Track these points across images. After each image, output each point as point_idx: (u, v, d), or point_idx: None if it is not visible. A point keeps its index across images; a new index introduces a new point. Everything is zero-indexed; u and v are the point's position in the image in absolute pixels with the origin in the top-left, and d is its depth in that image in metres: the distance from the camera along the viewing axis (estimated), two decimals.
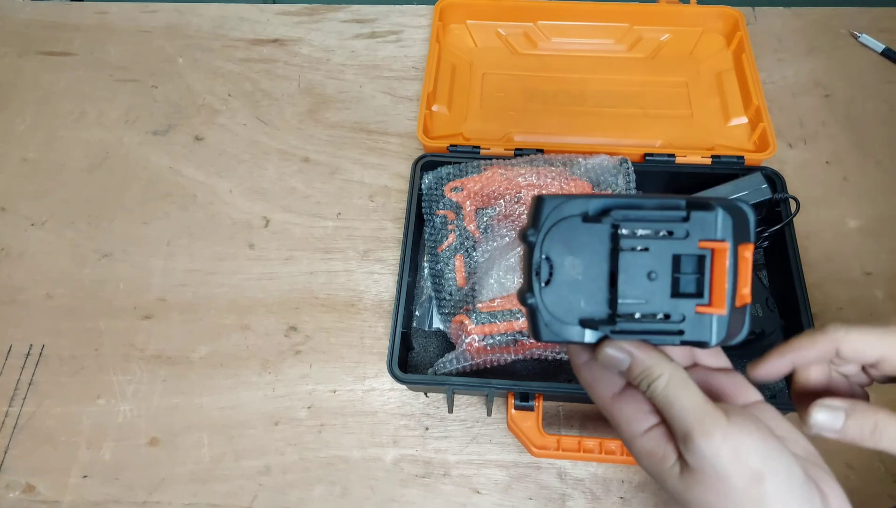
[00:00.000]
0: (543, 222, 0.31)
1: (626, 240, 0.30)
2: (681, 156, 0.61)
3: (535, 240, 0.31)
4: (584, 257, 0.31)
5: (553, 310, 0.31)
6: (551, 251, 0.31)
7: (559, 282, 0.31)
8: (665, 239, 0.30)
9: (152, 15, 0.83)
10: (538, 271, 0.31)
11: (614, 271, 0.30)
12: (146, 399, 0.58)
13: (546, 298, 0.31)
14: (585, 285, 0.31)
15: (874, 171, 0.67)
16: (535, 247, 0.31)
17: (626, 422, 0.32)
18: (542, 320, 0.31)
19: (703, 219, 0.30)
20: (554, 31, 0.74)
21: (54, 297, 0.64)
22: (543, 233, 0.31)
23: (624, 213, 0.31)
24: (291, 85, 0.77)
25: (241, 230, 0.67)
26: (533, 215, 0.31)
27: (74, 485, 0.55)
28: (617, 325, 0.30)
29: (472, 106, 0.69)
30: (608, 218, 0.30)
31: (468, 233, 0.58)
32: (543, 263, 0.31)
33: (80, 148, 0.73)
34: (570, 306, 0.31)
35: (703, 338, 0.30)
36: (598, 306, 0.31)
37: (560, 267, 0.31)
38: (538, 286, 0.31)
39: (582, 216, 0.31)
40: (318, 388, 0.58)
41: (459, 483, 0.54)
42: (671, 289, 0.30)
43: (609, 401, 0.33)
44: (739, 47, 0.69)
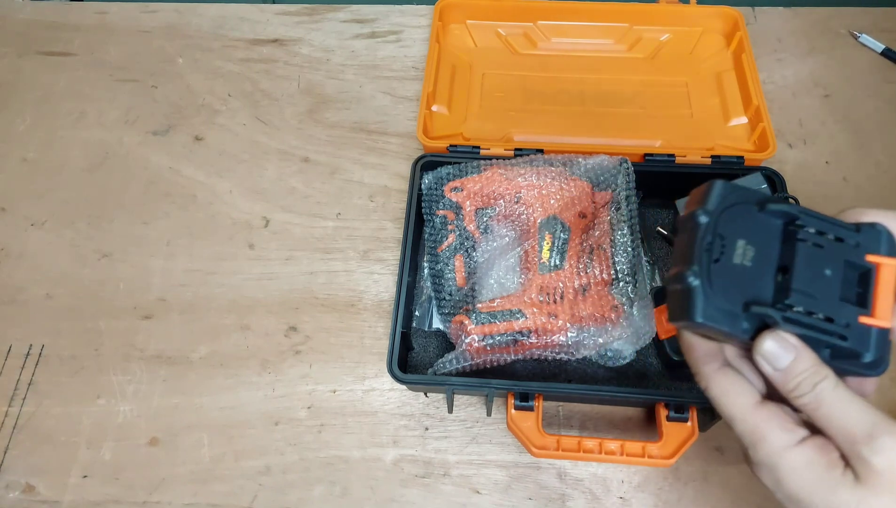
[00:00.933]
0: (718, 204, 0.30)
1: (805, 233, 0.30)
2: (680, 156, 0.61)
3: (707, 219, 0.30)
4: (756, 244, 0.30)
5: (717, 289, 0.30)
6: (725, 232, 0.30)
7: (726, 264, 0.30)
8: (838, 243, 0.30)
9: (152, 15, 0.83)
10: (709, 249, 0.30)
11: (786, 264, 0.30)
12: (146, 399, 0.58)
13: (714, 276, 0.30)
14: (753, 272, 0.30)
15: (874, 171, 0.67)
16: (708, 225, 0.30)
17: (775, 433, 0.30)
18: (701, 298, 0.29)
19: (872, 234, 0.30)
20: (554, 31, 0.74)
21: (54, 297, 0.64)
22: (718, 213, 0.30)
23: (800, 208, 0.31)
24: (291, 85, 0.77)
25: (241, 230, 0.67)
26: (703, 197, 0.31)
27: (74, 485, 0.55)
28: (787, 313, 0.29)
29: (471, 106, 0.69)
30: (789, 209, 0.30)
31: (468, 233, 0.58)
32: (717, 240, 0.30)
33: (80, 148, 0.73)
34: (735, 290, 0.30)
35: (861, 348, 0.29)
36: (764, 293, 0.30)
37: (731, 250, 0.30)
38: (706, 263, 0.30)
39: (758, 205, 0.31)
40: (318, 388, 0.58)
41: (459, 483, 0.54)
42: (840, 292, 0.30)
43: (750, 412, 0.30)
44: (739, 47, 0.69)
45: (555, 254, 0.55)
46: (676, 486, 0.53)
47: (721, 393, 0.31)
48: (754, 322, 0.30)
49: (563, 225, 0.56)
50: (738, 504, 0.52)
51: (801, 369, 0.29)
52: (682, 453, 0.48)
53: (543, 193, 0.57)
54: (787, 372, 0.29)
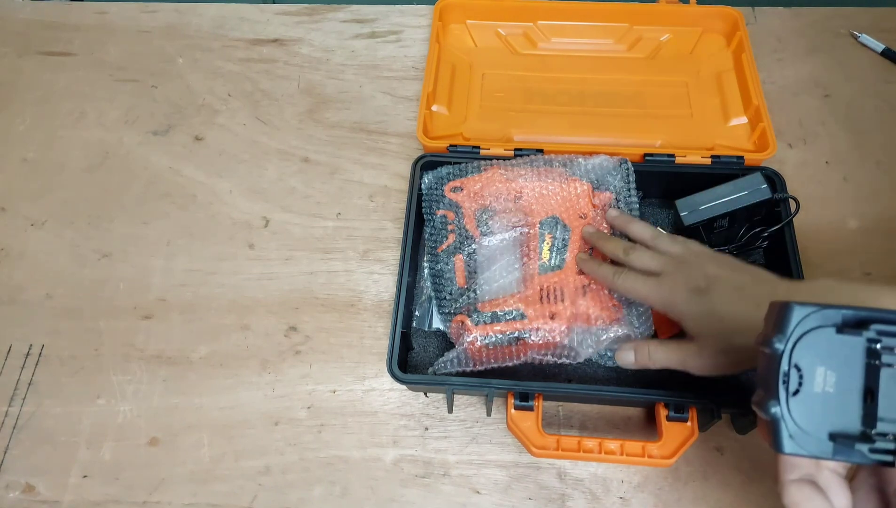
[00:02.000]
0: (793, 330, 0.30)
1: (887, 355, 0.29)
2: (680, 156, 0.61)
3: (783, 347, 0.30)
4: (837, 369, 0.30)
5: (800, 421, 0.29)
6: (802, 360, 0.30)
7: (808, 393, 0.30)
8: None
9: (152, 15, 0.83)
10: (786, 380, 0.30)
11: (871, 387, 0.29)
12: (146, 399, 0.58)
13: (794, 409, 0.29)
14: (837, 399, 0.29)
15: (874, 171, 0.67)
16: (783, 355, 0.30)
17: None
18: (786, 431, 0.29)
19: None
20: (554, 31, 0.74)
21: (54, 297, 0.64)
22: (794, 341, 0.30)
23: (883, 327, 0.29)
24: (291, 85, 0.77)
25: (241, 230, 0.67)
26: (777, 321, 0.30)
27: (74, 485, 0.55)
28: (876, 443, 0.29)
29: (471, 106, 0.69)
30: (867, 331, 0.29)
31: (468, 233, 0.58)
32: (793, 371, 0.30)
33: (80, 148, 0.73)
34: (820, 419, 0.29)
35: None
36: (850, 422, 0.29)
37: (810, 378, 0.30)
38: (785, 395, 0.30)
39: (836, 327, 0.30)
40: (317, 388, 0.58)
41: (459, 483, 0.54)
42: None
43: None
44: (739, 47, 0.69)
45: (555, 254, 0.55)
46: (676, 486, 0.53)
47: (791, 504, 0.31)
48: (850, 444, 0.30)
49: (564, 225, 0.56)
50: (738, 504, 0.52)
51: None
52: (681, 453, 0.48)
53: (543, 193, 0.57)
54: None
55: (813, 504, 0.31)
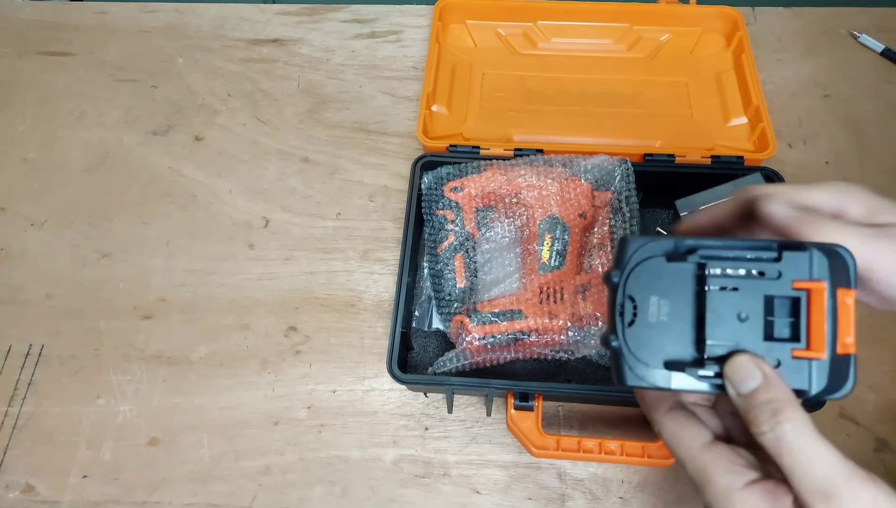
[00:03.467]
0: (627, 262, 0.30)
1: (713, 279, 0.29)
2: (680, 156, 0.61)
3: (618, 279, 0.30)
4: (670, 298, 0.30)
5: (637, 352, 0.29)
6: (635, 292, 0.30)
7: (643, 323, 0.30)
8: (755, 279, 0.29)
9: (152, 15, 0.83)
10: (622, 312, 0.30)
11: (701, 313, 0.29)
12: (146, 399, 0.58)
13: (630, 340, 0.30)
14: (671, 327, 0.30)
15: (874, 171, 0.67)
16: (619, 287, 0.30)
17: (721, 474, 0.29)
18: (625, 363, 0.29)
19: (797, 259, 0.28)
20: (554, 31, 0.74)
21: (54, 297, 0.64)
22: (627, 272, 0.30)
23: (711, 252, 0.29)
24: (291, 85, 0.77)
25: (241, 230, 0.67)
26: (617, 256, 0.31)
27: (74, 485, 0.55)
28: (705, 367, 0.29)
29: (471, 106, 0.69)
30: (694, 256, 0.29)
31: (468, 233, 0.58)
32: (627, 303, 0.30)
33: (80, 148, 0.73)
34: (655, 349, 0.29)
35: (800, 386, 0.28)
36: (684, 348, 0.29)
37: (644, 308, 0.30)
38: (621, 328, 0.30)
39: (667, 256, 0.30)
40: (317, 388, 0.58)
41: (459, 483, 0.54)
42: (763, 332, 0.29)
43: (698, 451, 0.30)
44: (739, 47, 0.69)
45: (555, 254, 0.55)
46: (676, 486, 0.53)
47: (670, 436, 0.31)
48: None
49: (563, 225, 0.56)
50: None
51: (763, 399, 0.27)
52: None
53: (543, 193, 0.57)
54: (748, 399, 0.28)
55: (690, 431, 0.31)
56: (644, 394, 0.33)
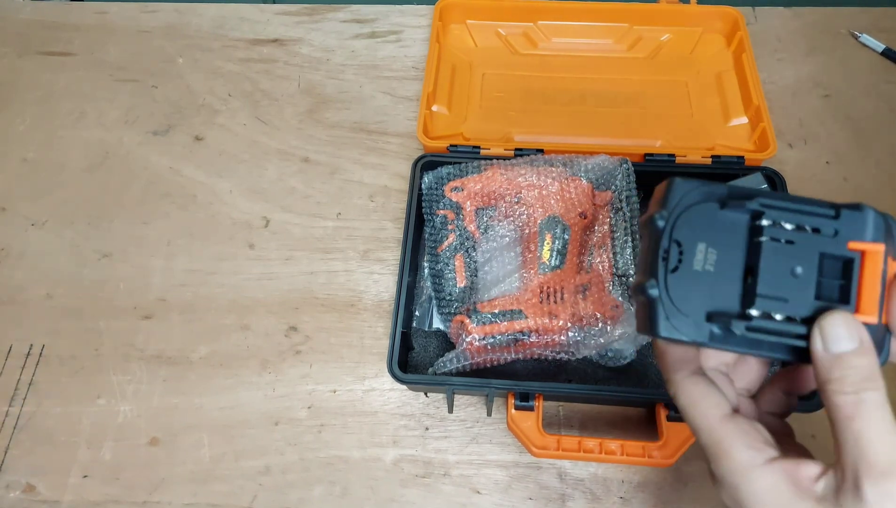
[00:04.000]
0: (676, 205, 0.28)
1: (769, 229, 0.27)
2: (681, 156, 0.61)
3: (664, 223, 0.28)
4: (719, 247, 0.28)
5: (678, 302, 0.27)
6: (682, 236, 0.28)
7: (687, 271, 0.27)
8: (811, 235, 0.27)
9: (152, 15, 0.83)
10: (666, 257, 0.27)
11: (752, 265, 0.27)
12: (146, 399, 0.58)
13: (672, 287, 0.27)
14: (717, 277, 0.27)
15: (874, 171, 0.67)
16: (664, 230, 0.28)
17: (741, 449, 0.28)
18: (662, 312, 0.27)
19: (854, 218, 0.27)
20: (554, 31, 0.74)
21: (54, 297, 0.64)
22: (675, 216, 0.28)
23: (768, 201, 0.27)
24: (291, 85, 0.77)
25: (241, 230, 0.67)
26: (662, 198, 0.28)
27: (74, 485, 0.55)
28: (752, 321, 0.27)
29: (472, 106, 0.69)
30: (751, 203, 0.27)
31: (468, 233, 0.58)
32: (673, 247, 0.28)
33: (80, 148, 0.73)
34: (698, 299, 0.27)
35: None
36: (730, 300, 0.27)
37: (690, 255, 0.27)
38: (664, 273, 0.27)
39: (720, 202, 0.28)
40: (318, 388, 0.58)
41: (459, 483, 0.54)
42: (815, 291, 0.27)
43: (717, 423, 0.28)
44: (739, 47, 0.69)
45: (555, 254, 0.55)
46: (676, 486, 0.53)
47: (689, 402, 0.30)
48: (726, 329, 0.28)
49: (564, 225, 0.56)
50: None
51: (856, 363, 0.25)
52: (682, 453, 0.48)
53: (544, 193, 0.57)
54: (839, 359, 0.26)
55: (711, 400, 0.29)
56: (666, 353, 0.31)
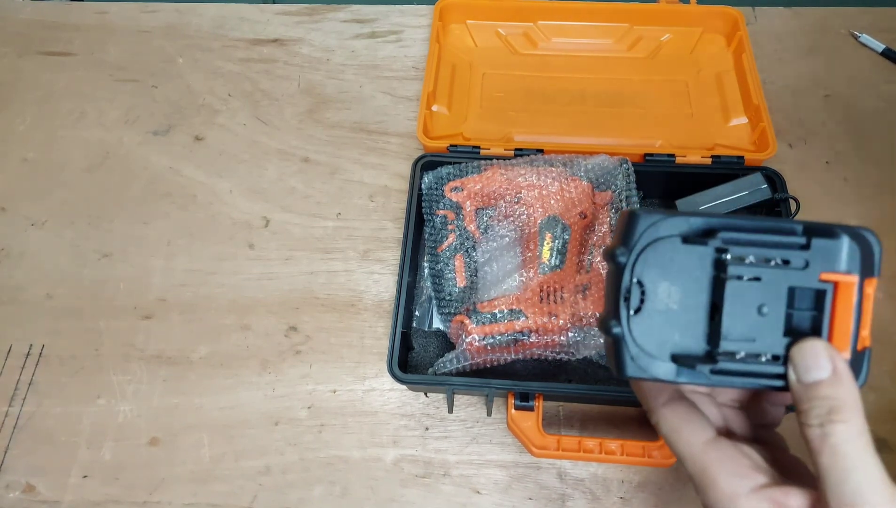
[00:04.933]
0: (637, 241, 0.27)
1: (734, 267, 0.26)
2: (681, 156, 0.61)
3: (626, 261, 0.27)
4: (682, 284, 0.27)
5: (642, 342, 0.27)
6: (644, 275, 0.27)
7: (651, 310, 0.27)
8: (779, 268, 0.26)
9: (152, 15, 0.83)
10: (627, 297, 0.27)
11: (717, 302, 0.27)
12: (146, 399, 0.58)
13: (635, 328, 0.27)
14: (681, 317, 0.27)
15: (874, 171, 0.67)
16: (626, 269, 0.27)
17: (725, 477, 0.27)
18: (627, 352, 0.27)
19: (827, 247, 0.26)
20: (554, 31, 0.74)
21: (54, 297, 0.64)
22: (636, 253, 0.27)
23: (732, 235, 0.27)
24: (291, 85, 0.77)
25: (241, 230, 0.67)
26: (623, 232, 0.27)
27: (74, 485, 0.55)
28: (718, 364, 0.26)
29: (472, 106, 0.69)
30: (714, 240, 0.27)
31: (468, 233, 0.58)
32: (634, 288, 0.27)
33: (80, 148, 0.73)
34: (662, 339, 0.27)
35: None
36: (694, 340, 0.27)
37: (653, 294, 0.27)
38: (626, 314, 0.27)
39: (682, 237, 0.27)
40: (318, 388, 0.58)
41: (459, 483, 0.54)
42: (784, 326, 0.26)
43: (701, 450, 0.28)
44: (739, 47, 0.69)
45: (555, 254, 0.55)
46: (676, 486, 0.53)
47: (670, 429, 0.29)
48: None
49: (564, 225, 0.56)
50: None
51: (824, 393, 0.25)
52: None
53: (544, 193, 0.57)
54: (810, 389, 0.25)
55: (691, 427, 0.29)
56: (641, 383, 0.31)
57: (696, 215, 0.27)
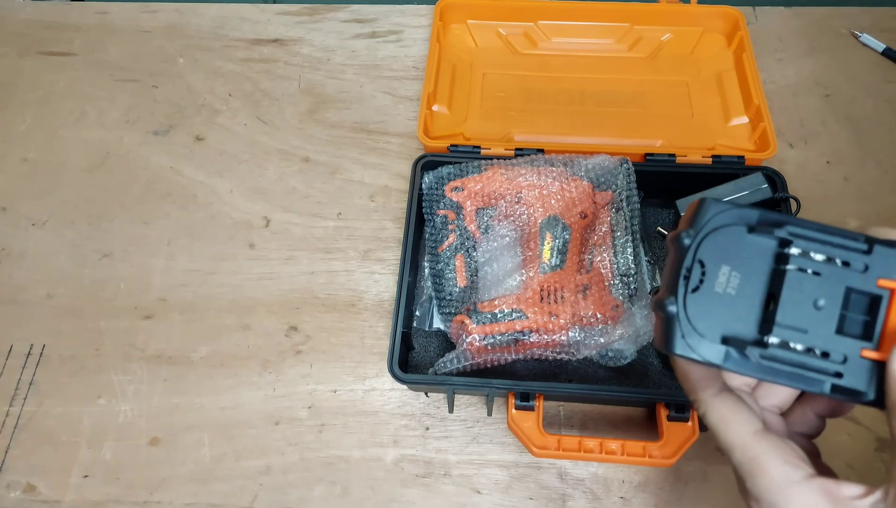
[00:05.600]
0: (704, 225, 0.28)
1: (796, 259, 0.27)
2: (681, 156, 0.61)
3: (689, 242, 0.28)
4: (743, 271, 0.27)
5: (694, 320, 0.27)
6: (706, 257, 0.28)
7: (708, 291, 0.27)
8: (839, 268, 0.27)
9: (152, 15, 0.83)
10: (688, 276, 0.28)
11: (775, 292, 0.27)
12: (146, 399, 0.58)
13: (690, 306, 0.27)
14: (737, 302, 0.27)
15: (875, 171, 0.67)
16: (689, 249, 0.28)
17: (777, 465, 0.27)
18: (679, 329, 0.27)
19: (888, 255, 0.27)
20: (554, 31, 0.74)
21: (55, 297, 0.64)
22: (702, 236, 0.28)
23: (798, 230, 0.27)
24: (292, 85, 0.77)
25: (241, 230, 0.67)
26: (692, 217, 0.28)
27: (75, 485, 0.55)
28: (768, 349, 0.27)
29: (472, 106, 0.69)
30: (780, 231, 0.27)
31: (469, 233, 0.58)
32: (696, 267, 0.28)
33: (81, 148, 0.73)
34: (715, 321, 0.27)
35: (860, 387, 0.27)
36: (747, 326, 0.27)
37: (713, 276, 0.28)
38: (683, 291, 0.27)
39: (748, 227, 0.28)
40: (318, 388, 0.58)
41: (460, 482, 0.54)
42: (837, 324, 0.27)
43: (751, 439, 0.28)
44: (740, 47, 0.69)
45: (555, 254, 0.55)
46: (677, 486, 0.53)
47: (720, 419, 0.29)
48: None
49: (564, 225, 0.56)
50: (739, 504, 0.52)
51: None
52: (682, 453, 0.48)
53: (544, 193, 0.57)
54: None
55: (742, 417, 0.29)
56: (691, 372, 0.31)
57: (765, 210, 0.28)
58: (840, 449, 0.52)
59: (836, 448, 0.52)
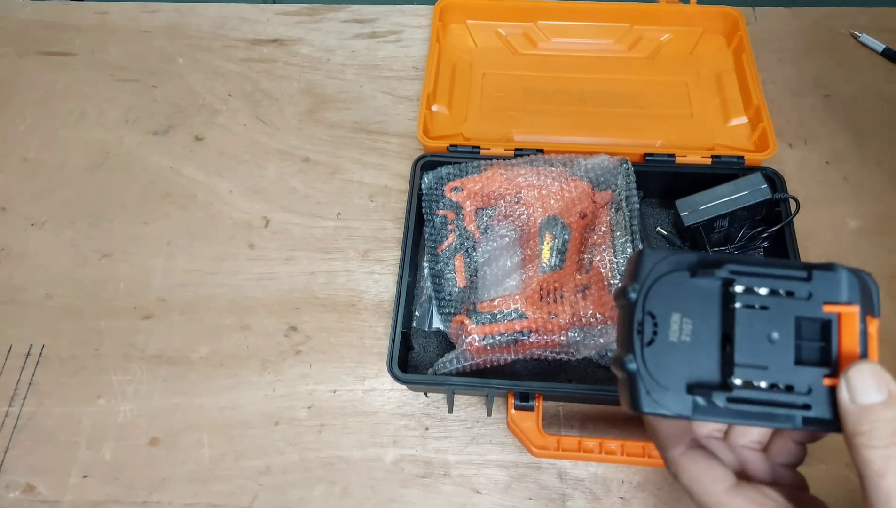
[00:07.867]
0: (646, 276, 0.28)
1: (741, 297, 0.27)
2: (681, 156, 0.61)
3: (636, 296, 0.28)
4: (693, 316, 0.27)
5: (656, 374, 0.27)
6: (655, 308, 0.28)
7: (664, 342, 0.27)
8: (785, 299, 0.27)
9: (152, 15, 0.83)
10: (640, 330, 0.27)
11: (728, 333, 0.27)
12: (146, 399, 0.58)
13: (649, 361, 0.27)
14: (694, 348, 0.27)
15: (874, 171, 0.67)
16: (637, 303, 0.28)
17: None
18: (642, 386, 0.27)
19: (827, 279, 0.27)
20: (554, 31, 0.74)
21: (54, 297, 0.64)
22: (647, 287, 0.28)
23: (738, 267, 0.27)
24: (291, 85, 0.77)
25: (241, 230, 0.67)
26: (633, 270, 0.28)
27: (75, 485, 0.55)
28: (733, 392, 0.26)
29: (472, 106, 0.69)
30: (721, 271, 0.27)
31: (468, 233, 0.58)
32: (647, 320, 0.28)
33: (81, 148, 0.73)
34: (676, 371, 0.27)
35: (827, 415, 0.26)
36: (708, 371, 0.27)
37: (665, 326, 0.27)
38: (640, 346, 0.27)
39: (690, 270, 0.28)
40: (318, 388, 0.58)
41: (460, 483, 0.54)
42: (795, 355, 0.27)
43: (724, 497, 0.28)
44: (739, 47, 0.69)
45: (555, 254, 0.55)
46: (676, 486, 0.52)
47: (691, 479, 0.29)
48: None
49: (564, 225, 0.56)
50: None
51: (886, 416, 0.24)
52: None
53: (544, 193, 0.57)
54: (867, 411, 0.25)
55: (712, 474, 0.29)
56: (658, 429, 0.31)
57: (702, 252, 0.28)
58: (840, 449, 0.52)
59: (836, 447, 0.52)
